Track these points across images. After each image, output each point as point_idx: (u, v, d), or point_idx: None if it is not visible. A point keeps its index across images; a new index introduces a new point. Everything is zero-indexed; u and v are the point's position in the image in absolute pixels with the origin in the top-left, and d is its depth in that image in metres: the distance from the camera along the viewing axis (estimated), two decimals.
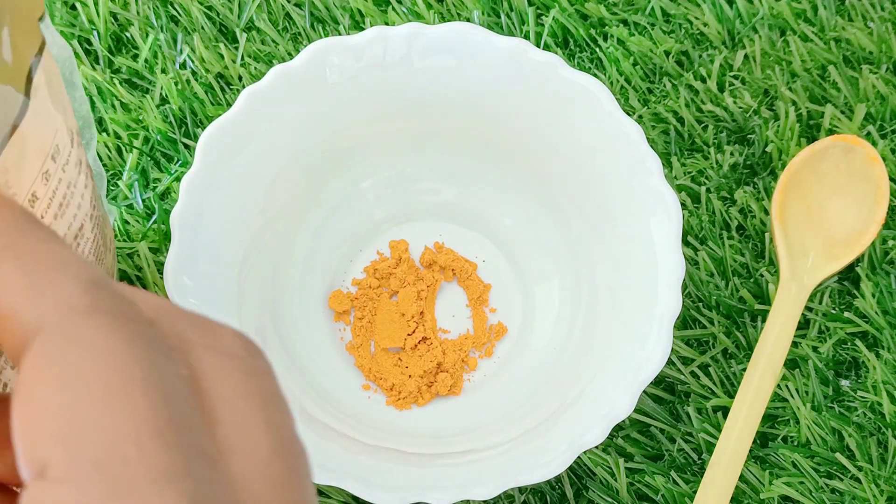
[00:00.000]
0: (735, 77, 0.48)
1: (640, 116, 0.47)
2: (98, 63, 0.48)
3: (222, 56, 0.48)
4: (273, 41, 0.48)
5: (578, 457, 0.41)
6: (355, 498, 0.41)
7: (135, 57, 0.48)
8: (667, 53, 0.48)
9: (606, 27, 0.49)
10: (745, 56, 0.48)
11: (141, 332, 0.17)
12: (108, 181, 0.46)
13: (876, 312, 0.44)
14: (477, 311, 0.44)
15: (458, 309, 0.44)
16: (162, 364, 0.17)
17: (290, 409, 0.18)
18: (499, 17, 0.49)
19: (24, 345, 0.17)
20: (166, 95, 0.47)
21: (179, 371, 0.17)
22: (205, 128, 0.43)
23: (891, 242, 0.45)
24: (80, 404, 0.16)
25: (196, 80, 0.47)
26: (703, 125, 0.47)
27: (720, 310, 0.44)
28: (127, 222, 0.45)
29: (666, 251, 0.39)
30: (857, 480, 0.41)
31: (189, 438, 0.16)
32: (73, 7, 0.49)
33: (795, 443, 0.42)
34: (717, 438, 0.42)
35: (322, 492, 0.42)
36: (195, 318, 0.18)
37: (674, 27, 0.49)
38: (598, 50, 0.48)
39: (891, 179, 0.45)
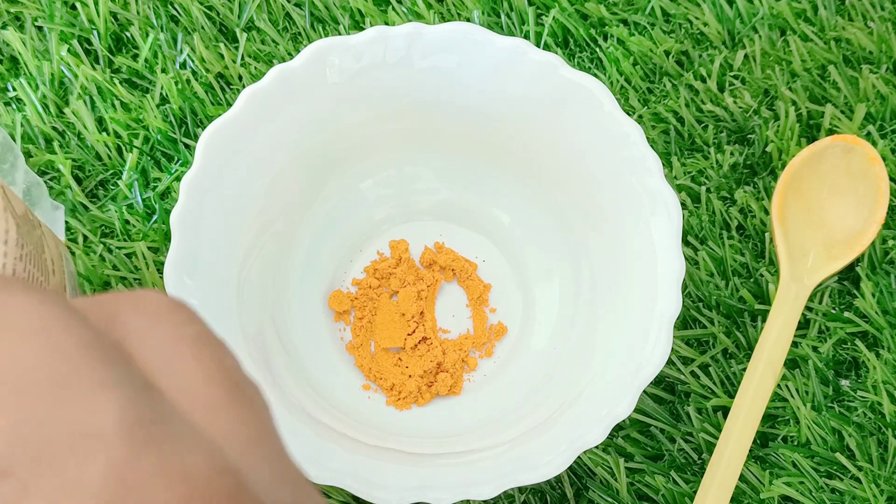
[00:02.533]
0: (735, 77, 0.48)
1: (640, 116, 0.47)
2: (98, 63, 0.48)
3: (222, 56, 0.48)
4: (273, 41, 0.48)
5: (578, 457, 0.41)
6: (355, 498, 0.41)
7: (135, 57, 0.48)
8: (667, 53, 0.48)
9: (606, 27, 0.48)
10: (745, 56, 0.48)
11: (57, 298, 0.17)
12: (108, 181, 0.46)
13: (876, 312, 0.44)
14: (477, 311, 0.44)
15: (458, 309, 0.44)
16: (82, 321, 0.17)
17: (230, 350, 0.18)
18: (499, 17, 0.49)
19: None
20: (166, 95, 0.47)
21: (102, 332, 0.17)
22: (205, 127, 0.43)
23: (891, 242, 0.45)
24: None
25: (196, 79, 0.47)
26: (703, 125, 0.47)
27: (720, 310, 0.44)
28: (127, 222, 0.45)
29: (666, 251, 0.39)
30: (857, 480, 0.41)
31: (120, 359, 0.16)
32: (73, 7, 0.49)
33: (795, 443, 0.42)
34: (717, 438, 0.42)
35: (322, 492, 0.42)
36: (120, 294, 0.18)
37: (674, 27, 0.49)
38: (598, 50, 0.48)
39: (891, 179, 0.45)
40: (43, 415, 0.15)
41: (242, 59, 0.48)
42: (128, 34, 0.48)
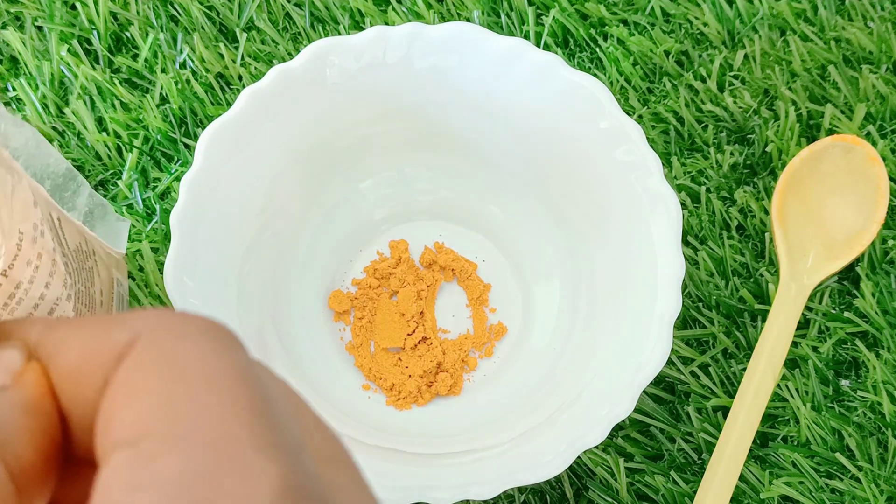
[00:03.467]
0: (735, 77, 0.48)
1: (640, 116, 0.47)
2: (98, 63, 0.48)
3: (222, 56, 0.48)
4: (273, 41, 0.48)
5: (578, 457, 0.41)
6: None
7: (135, 57, 0.48)
8: (667, 53, 0.48)
9: (606, 27, 0.48)
10: (745, 56, 0.48)
11: (235, 339, 0.19)
12: (108, 181, 0.46)
13: (876, 312, 0.44)
14: (477, 311, 0.44)
15: (458, 309, 0.44)
16: (258, 367, 0.18)
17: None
18: (499, 17, 0.49)
19: (113, 366, 0.18)
20: (166, 95, 0.47)
21: (275, 377, 0.19)
22: (205, 127, 0.43)
23: (891, 242, 0.45)
24: (179, 386, 0.17)
25: (196, 79, 0.47)
26: (703, 125, 0.47)
27: (720, 310, 0.44)
28: None
29: (666, 251, 0.39)
30: (857, 480, 0.41)
31: (282, 425, 0.17)
32: (73, 7, 0.49)
33: (795, 443, 0.42)
34: (717, 438, 0.42)
35: None
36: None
37: (674, 27, 0.49)
38: (598, 50, 0.48)
39: (891, 179, 0.45)
40: (208, 472, 0.16)
41: (242, 59, 0.48)
42: (128, 34, 0.48)
